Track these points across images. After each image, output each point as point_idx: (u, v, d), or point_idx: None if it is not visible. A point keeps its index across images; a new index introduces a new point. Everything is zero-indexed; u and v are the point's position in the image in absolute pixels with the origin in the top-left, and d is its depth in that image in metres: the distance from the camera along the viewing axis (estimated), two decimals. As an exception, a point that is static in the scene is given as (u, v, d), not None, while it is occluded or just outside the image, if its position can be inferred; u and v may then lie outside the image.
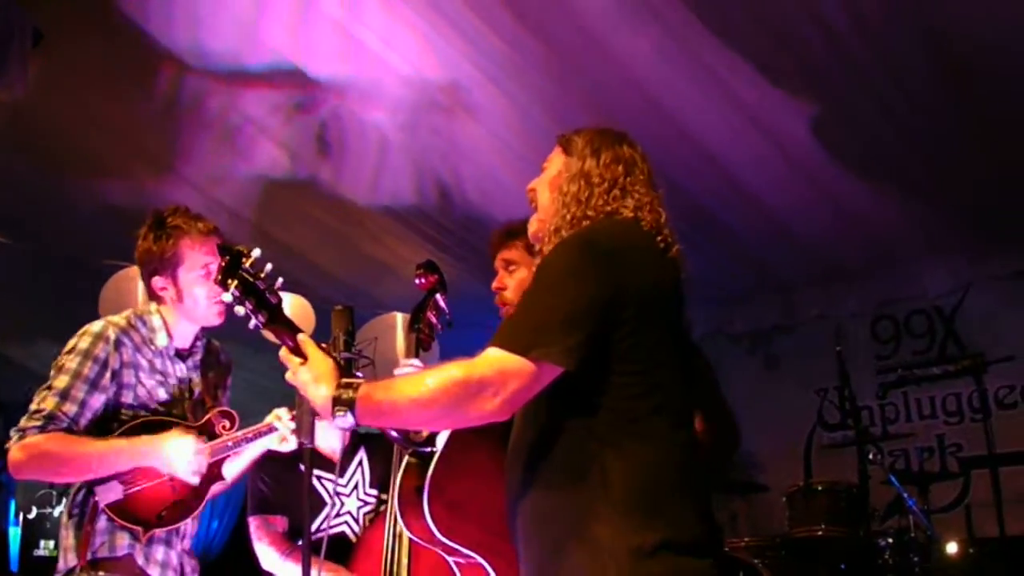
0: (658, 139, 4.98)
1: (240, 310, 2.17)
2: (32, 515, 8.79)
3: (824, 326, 6.83)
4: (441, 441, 2.75)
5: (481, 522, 2.62)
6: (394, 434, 2.76)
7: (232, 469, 3.22)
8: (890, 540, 5.15)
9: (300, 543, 3.33)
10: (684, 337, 2.28)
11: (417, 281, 3.27)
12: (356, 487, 3.72)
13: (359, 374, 2.64)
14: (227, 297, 2.14)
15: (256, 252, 2.16)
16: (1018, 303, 6.40)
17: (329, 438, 3.65)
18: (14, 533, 8.88)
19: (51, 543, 8.60)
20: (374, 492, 3.72)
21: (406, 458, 2.85)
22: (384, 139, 5.21)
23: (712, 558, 2.06)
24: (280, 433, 3.11)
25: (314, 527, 3.50)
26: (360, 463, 3.76)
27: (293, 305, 4.27)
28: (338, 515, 3.64)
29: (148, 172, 5.44)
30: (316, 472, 3.58)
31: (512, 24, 4.35)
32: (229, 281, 2.14)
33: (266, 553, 3.54)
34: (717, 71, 4.54)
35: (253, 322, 2.18)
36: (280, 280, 2.20)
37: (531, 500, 2.13)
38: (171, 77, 4.72)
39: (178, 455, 2.95)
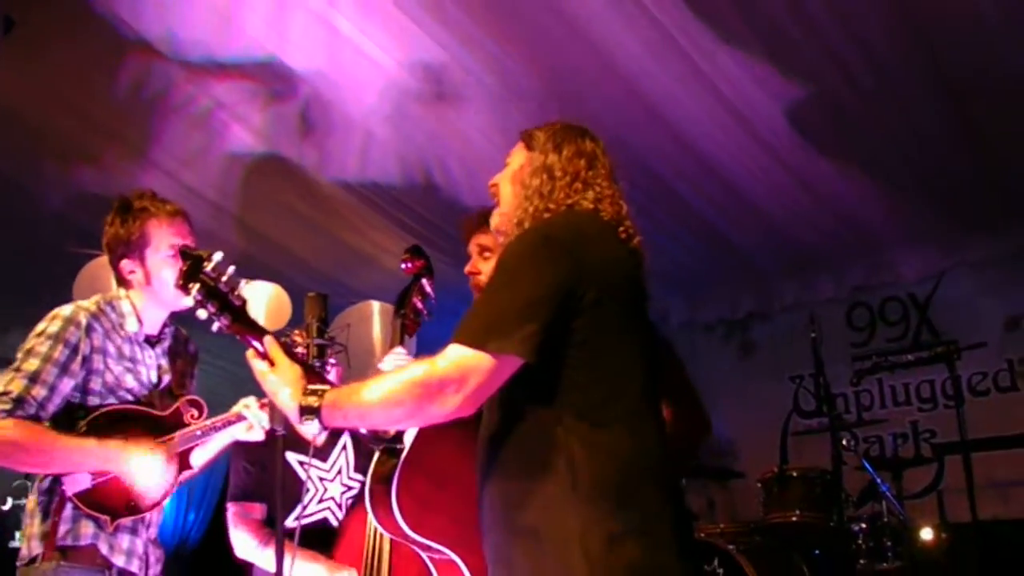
0: (635, 126, 5.00)
1: (202, 313, 2.17)
2: (7, 506, 8.71)
3: (799, 314, 6.86)
4: (410, 435, 2.75)
5: (452, 516, 2.61)
6: (362, 430, 2.76)
7: (199, 458, 3.20)
8: (864, 525, 5.21)
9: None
10: (647, 323, 2.30)
11: (403, 266, 3.25)
12: (340, 472, 3.70)
13: (332, 360, 2.64)
14: (188, 301, 2.15)
15: (218, 256, 2.16)
16: (991, 291, 6.48)
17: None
18: (-12, 525, 8.81)
19: (26, 534, 8.51)
20: (358, 477, 3.69)
21: (376, 453, 2.85)
22: (362, 128, 5.19)
23: (681, 544, 2.08)
24: (249, 422, 3.10)
25: (296, 513, 3.48)
26: (344, 447, 3.74)
27: (270, 294, 4.26)
28: (321, 501, 3.63)
29: (122, 160, 5.39)
30: (300, 458, 3.56)
31: (490, 13, 4.34)
32: (191, 285, 2.14)
33: (242, 540, 3.51)
34: (693, 56, 4.55)
35: (216, 325, 2.18)
36: (244, 282, 2.20)
37: (498, 489, 2.15)
38: (144, 64, 4.68)
39: (143, 473, 2.95)
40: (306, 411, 2.09)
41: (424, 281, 3.24)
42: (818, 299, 7.02)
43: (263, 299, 4.25)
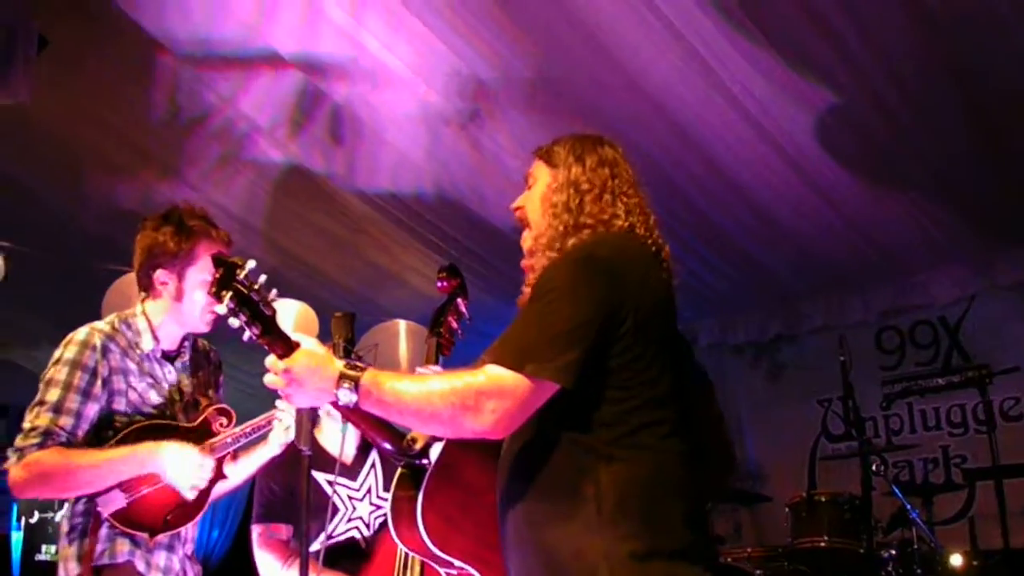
0: (664, 147, 4.99)
1: (234, 322, 2.15)
2: (34, 519, 8.78)
3: (828, 336, 6.80)
4: (435, 453, 2.73)
5: (475, 534, 2.60)
6: (387, 447, 2.74)
7: (237, 472, 3.18)
8: (894, 552, 5.13)
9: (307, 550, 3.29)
10: (679, 345, 2.28)
11: (439, 284, 3.23)
12: (369, 491, 3.69)
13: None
14: (221, 309, 2.13)
15: (251, 264, 2.14)
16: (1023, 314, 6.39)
17: (345, 443, 3.62)
18: (16, 538, 8.87)
19: (53, 548, 8.58)
20: (387, 496, 3.69)
21: (399, 470, 2.83)
22: (391, 146, 5.21)
23: (704, 564, 2.07)
24: (283, 424, 3.05)
25: (324, 533, 3.47)
26: (373, 466, 3.72)
27: (297, 311, 4.26)
28: (349, 520, 3.62)
29: (154, 178, 5.45)
30: (330, 478, 3.55)
31: (520, 32, 4.35)
32: (223, 293, 2.13)
33: (267, 561, 3.51)
34: (722, 76, 4.54)
35: (247, 334, 2.17)
36: (275, 292, 2.19)
37: (523, 510, 2.14)
38: (177, 83, 4.73)
39: (178, 468, 2.92)
40: (346, 377, 2.05)
41: (459, 300, 3.23)
42: (847, 322, 6.94)
43: (289, 317, 4.26)
